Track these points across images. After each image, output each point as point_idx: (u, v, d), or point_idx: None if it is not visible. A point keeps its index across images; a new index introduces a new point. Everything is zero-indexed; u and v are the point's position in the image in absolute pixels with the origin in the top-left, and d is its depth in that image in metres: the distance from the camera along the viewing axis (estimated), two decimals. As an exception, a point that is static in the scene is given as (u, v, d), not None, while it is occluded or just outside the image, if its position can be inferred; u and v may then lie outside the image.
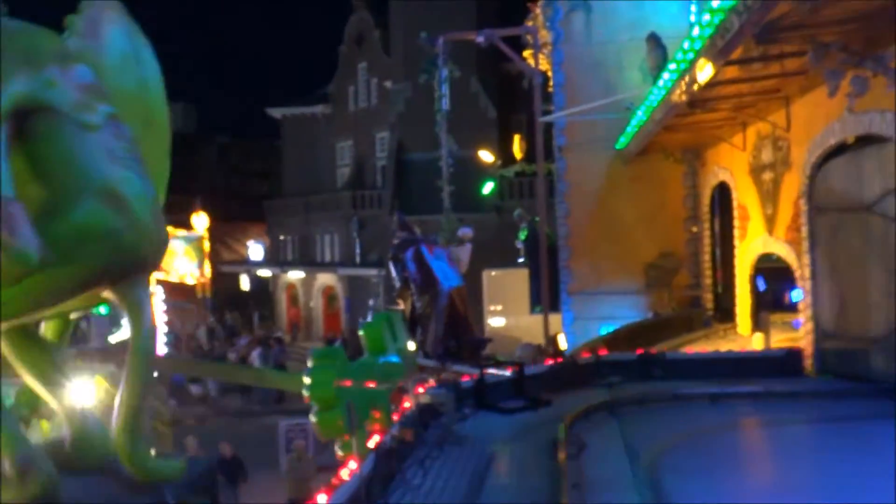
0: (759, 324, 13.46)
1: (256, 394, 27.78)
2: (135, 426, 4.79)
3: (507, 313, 20.68)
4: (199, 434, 17.08)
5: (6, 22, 4.64)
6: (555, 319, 17.90)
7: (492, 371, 9.82)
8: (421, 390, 7.69)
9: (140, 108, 5.56)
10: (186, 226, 40.21)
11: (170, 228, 26.94)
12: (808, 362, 10.47)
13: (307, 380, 6.14)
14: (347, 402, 5.86)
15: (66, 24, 5.28)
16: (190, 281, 40.47)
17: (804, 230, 10.38)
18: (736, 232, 13.74)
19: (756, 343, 13.63)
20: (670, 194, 17.14)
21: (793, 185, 10.85)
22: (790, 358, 10.46)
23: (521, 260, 19.52)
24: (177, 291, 41.93)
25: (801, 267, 10.65)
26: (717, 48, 9.02)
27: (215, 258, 42.80)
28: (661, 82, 12.06)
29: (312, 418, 6.27)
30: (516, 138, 21.52)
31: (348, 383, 6.68)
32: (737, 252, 13.81)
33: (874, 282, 9.48)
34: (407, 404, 7.76)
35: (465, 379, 9.65)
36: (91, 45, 5.19)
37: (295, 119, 39.03)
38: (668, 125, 13.01)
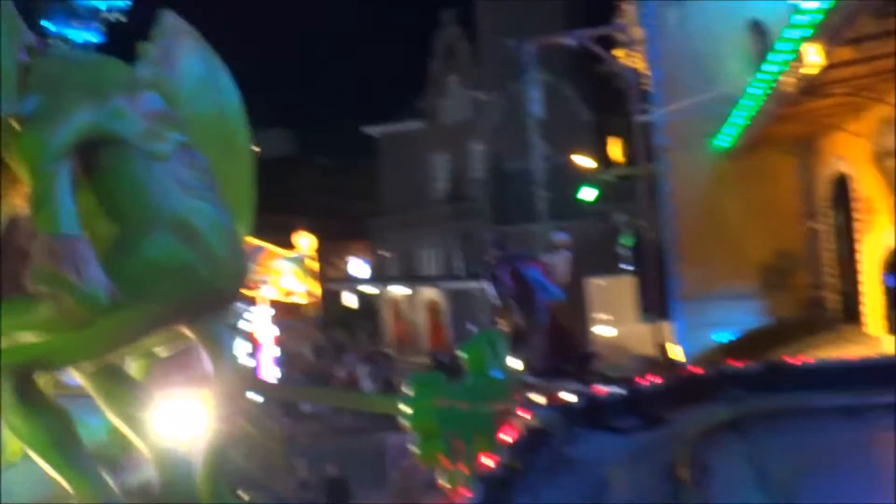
0: (892, 324, 12.32)
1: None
2: (218, 471, 4.50)
3: (614, 322, 19.95)
4: (311, 452, 17.03)
5: (71, 53, 4.44)
6: (666, 328, 17.05)
7: (602, 387, 9.19)
8: (524, 413, 7.17)
9: (218, 135, 5.30)
10: (291, 246, 41.05)
11: (276, 249, 27.09)
12: (955, 367, 9.37)
13: (408, 409, 5.75)
14: (448, 431, 5.45)
15: (139, 52, 5.08)
16: (298, 300, 41.29)
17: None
18: (858, 225, 12.65)
19: (890, 345, 12.49)
20: (782, 189, 16.03)
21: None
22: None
23: (625, 266, 18.76)
24: (286, 311, 42.80)
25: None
26: (831, 28, 8.21)
27: (321, 277, 43.46)
28: (767, 72, 11.22)
29: (414, 448, 5.86)
30: (614, 141, 20.74)
31: (447, 403, 6.29)
32: (861, 247, 12.70)
33: None
34: (511, 427, 7.26)
35: (574, 397, 9.05)
36: (164, 72, 4.96)
37: (391, 136, 39.24)
38: (779, 115, 12.09)
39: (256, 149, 6.63)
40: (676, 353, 13.86)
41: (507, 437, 7.22)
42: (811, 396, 9.45)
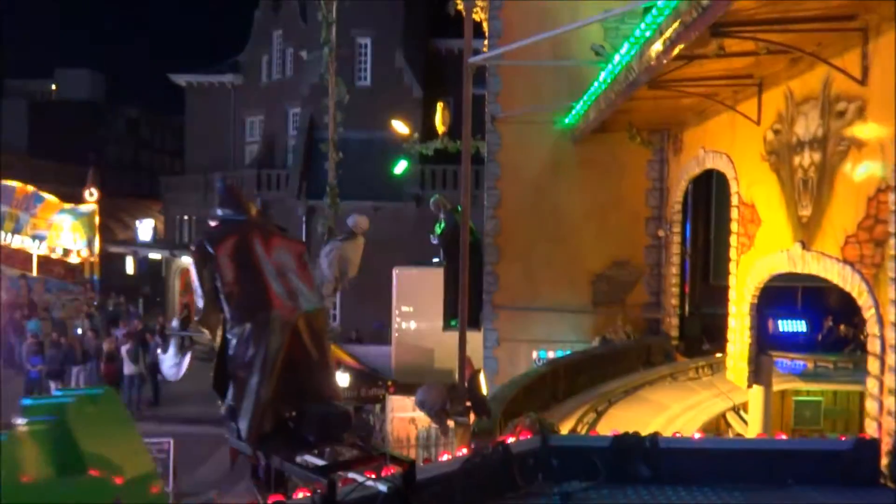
0: (758, 371, 9.03)
1: (125, 394, 22.51)
2: None
3: (418, 319, 16.01)
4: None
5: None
6: (475, 338, 13.19)
7: (354, 477, 4.94)
8: None
9: None
10: (80, 200, 34.24)
11: (57, 201, 21.58)
12: (885, 462, 5.95)
13: None
14: None
15: None
16: (75, 259, 34.56)
17: (893, 244, 5.86)
18: (735, 240, 9.22)
19: (754, 398, 9.21)
20: (630, 185, 12.61)
21: (867, 173, 6.34)
22: (859, 454, 5.90)
23: (435, 260, 14.78)
24: (61, 270, 35.85)
25: (880, 304, 6.13)
26: None
27: (107, 237, 36.81)
28: (635, 35, 7.52)
29: None
30: (439, 107, 16.70)
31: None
32: (735, 268, 9.30)
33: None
34: None
35: (301, 495, 4.80)
36: None
37: (201, 88, 33.35)
38: (651, 80, 8.38)
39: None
40: (484, 383, 9.95)
41: None
42: (681, 494, 5.81)
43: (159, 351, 20.17)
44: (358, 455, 5.24)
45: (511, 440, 5.93)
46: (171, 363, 7.80)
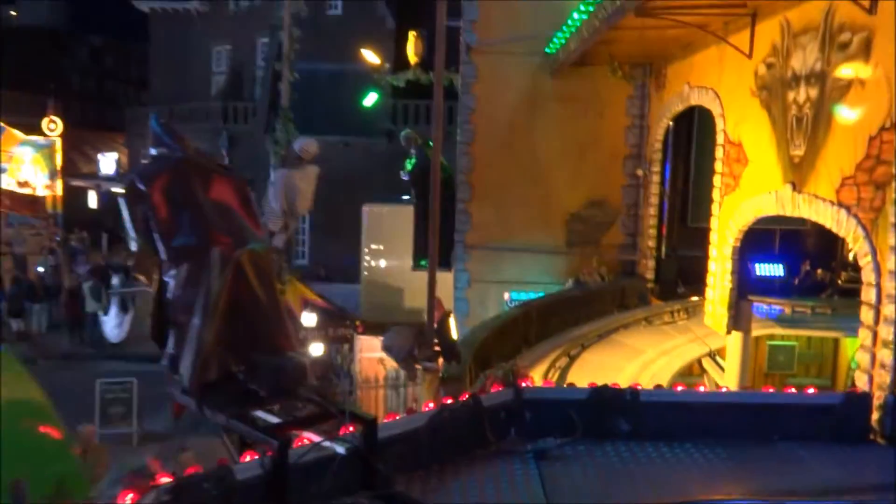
0: (738, 317, 8.67)
1: (89, 333, 21.86)
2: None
3: (387, 258, 15.52)
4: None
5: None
6: (445, 279, 12.72)
7: (310, 437, 4.46)
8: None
9: None
10: (40, 131, 32.87)
11: (18, 133, 20.04)
12: (876, 417, 5.61)
13: None
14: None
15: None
16: (40, 193, 33.37)
17: (897, 187, 5.40)
18: (720, 180, 8.74)
19: (732, 344, 8.87)
20: (610, 123, 12.04)
21: (871, 110, 5.83)
22: (849, 409, 5.54)
23: (406, 197, 14.19)
24: (23, 204, 34.62)
25: (877, 251, 5.70)
26: None
27: (70, 170, 35.53)
28: None
29: None
30: (411, 36, 15.87)
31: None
32: (717, 210, 8.84)
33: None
34: None
35: (248, 458, 4.31)
36: None
37: (166, 14, 31.82)
38: (638, 7, 7.74)
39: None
40: (454, 326, 9.50)
41: None
42: (663, 450, 5.39)
43: (100, 313, 19.62)
44: (315, 412, 4.76)
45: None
46: (114, 324, 7.24)
